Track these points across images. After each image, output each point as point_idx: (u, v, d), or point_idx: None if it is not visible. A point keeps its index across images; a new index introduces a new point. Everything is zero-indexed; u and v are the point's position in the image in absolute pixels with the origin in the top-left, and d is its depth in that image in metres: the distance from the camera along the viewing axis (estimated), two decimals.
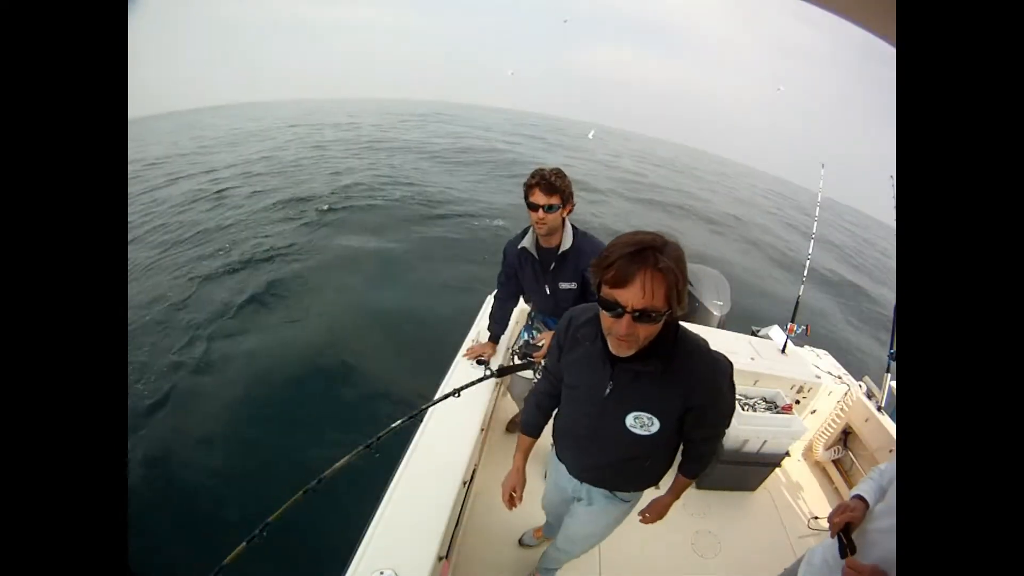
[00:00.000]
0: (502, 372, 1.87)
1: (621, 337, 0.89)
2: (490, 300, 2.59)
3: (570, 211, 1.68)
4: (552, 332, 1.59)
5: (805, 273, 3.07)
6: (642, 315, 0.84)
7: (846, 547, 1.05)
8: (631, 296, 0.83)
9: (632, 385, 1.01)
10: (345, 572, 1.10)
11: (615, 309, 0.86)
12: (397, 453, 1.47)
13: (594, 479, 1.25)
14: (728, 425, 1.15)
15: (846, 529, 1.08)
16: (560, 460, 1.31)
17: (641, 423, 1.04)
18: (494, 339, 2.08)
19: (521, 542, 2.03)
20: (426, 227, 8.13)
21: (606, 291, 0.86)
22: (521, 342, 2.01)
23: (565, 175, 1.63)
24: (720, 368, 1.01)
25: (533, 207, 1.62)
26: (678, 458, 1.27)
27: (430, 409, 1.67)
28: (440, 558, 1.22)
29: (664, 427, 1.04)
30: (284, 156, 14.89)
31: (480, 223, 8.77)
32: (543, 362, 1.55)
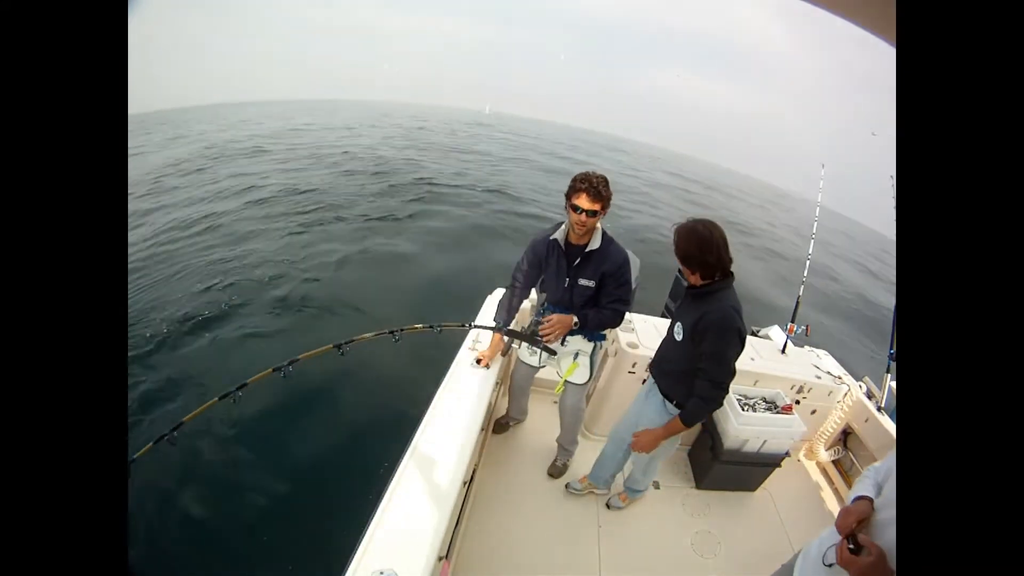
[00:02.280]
0: (510, 334, 1.86)
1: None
2: (490, 300, 2.58)
3: (603, 216, 1.74)
4: (560, 315, 1.82)
5: (805, 273, 3.06)
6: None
7: (856, 549, 1.07)
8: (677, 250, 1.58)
9: (685, 303, 1.64)
10: (345, 572, 1.10)
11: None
12: (397, 453, 1.47)
13: (661, 376, 1.82)
14: (722, 372, 1.55)
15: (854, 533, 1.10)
16: (650, 369, 1.94)
17: (679, 331, 1.63)
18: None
19: (568, 487, 2.32)
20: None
21: None
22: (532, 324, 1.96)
23: (609, 183, 1.69)
24: (728, 316, 1.49)
25: (576, 209, 1.67)
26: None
27: (429, 409, 1.67)
28: (440, 558, 1.22)
29: (685, 338, 1.59)
30: None
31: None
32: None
